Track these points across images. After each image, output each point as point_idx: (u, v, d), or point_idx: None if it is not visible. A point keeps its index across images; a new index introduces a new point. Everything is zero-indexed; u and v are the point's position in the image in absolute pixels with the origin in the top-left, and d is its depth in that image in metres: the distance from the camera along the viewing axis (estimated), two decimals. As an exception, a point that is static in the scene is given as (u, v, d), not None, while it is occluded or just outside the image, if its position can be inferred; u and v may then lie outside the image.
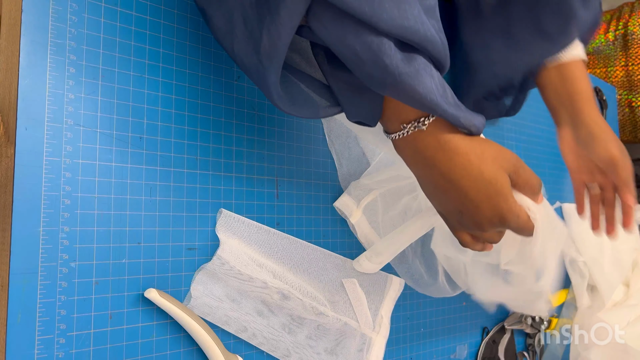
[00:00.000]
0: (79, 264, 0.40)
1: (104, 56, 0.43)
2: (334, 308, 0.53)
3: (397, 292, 0.59)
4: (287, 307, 0.50)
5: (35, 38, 0.39)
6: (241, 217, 0.50)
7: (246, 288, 0.48)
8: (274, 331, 0.51)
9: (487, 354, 0.74)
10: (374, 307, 0.57)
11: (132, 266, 0.43)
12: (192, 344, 0.46)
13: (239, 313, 0.48)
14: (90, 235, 0.41)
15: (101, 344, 0.41)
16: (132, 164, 0.44)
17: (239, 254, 0.48)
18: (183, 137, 0.47)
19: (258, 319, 0.50)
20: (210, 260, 0.47)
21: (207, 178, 0.49)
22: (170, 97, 0.46)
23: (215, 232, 0.48)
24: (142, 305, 0.44)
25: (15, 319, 0.37)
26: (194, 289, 0.46)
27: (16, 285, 0.37)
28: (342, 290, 0.55)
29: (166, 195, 0.46)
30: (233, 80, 0.51)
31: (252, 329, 0.49)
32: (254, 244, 0.50)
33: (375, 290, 0.58)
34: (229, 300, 0.48)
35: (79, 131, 0.41)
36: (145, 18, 0.45)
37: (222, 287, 0.48)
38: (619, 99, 1.33)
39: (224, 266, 0.46)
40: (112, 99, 0.43)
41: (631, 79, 1.31)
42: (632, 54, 1.30)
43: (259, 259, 0.50)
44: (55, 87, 0.40)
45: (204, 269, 0.47)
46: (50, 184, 0.39)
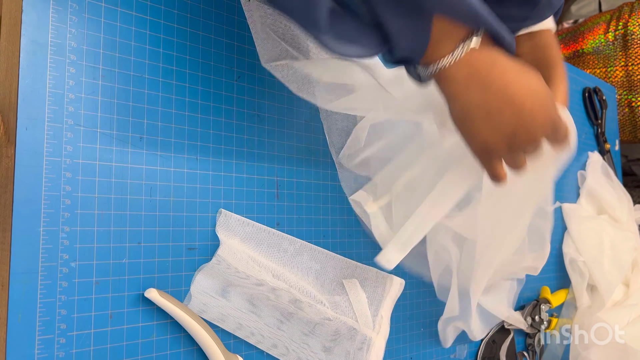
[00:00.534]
0: (79, 264, 0.40)
1: (104, 56, 0.43)
2: (335, 308, 0.53)
3: (397, 292, 0.59)
4: (285, 307, 0.50)
5: (35, 38, 0.39)
6: (241, 218, 0.50)
7: (244, 287, 0.48)
8: (270, 329, 0.51)
9: (487, 353, 0.74)
10: (374, 307, 0.57)
11: (132, 266, 0.43)
12: (192, 343, 0.46)
13: (235, 311, 0.48)
14: (90, 235, 0.41)
15: (101, 344, 0.41)
16: (133, 164, 0.44)
17: (239, 253, 0.48)
18: (183, 137, 0.47)
19: (253, 317, 0.50)
20: (210, 261, 0.47)
21: (207, 178, 0.49)
22: (171, 97, 0.46)
23: (215, 232, 0.48)
24: (142, 305, 0.44)
25: (15, 318, 0.37)
26: (194, 289, 0.46)
27: (16, 285, 0.37)
28: (342, 290, 0.55)
29: (166, 195, 0.46)
30: (233, 80, 0.51)
31: (248, 327, 0.49)
32: (253, 244, 0.50)
33: (376, 290, 0.58)
34: (225, 298, 0.48)
35: (79, 131, 0.41)
36: (145, 18, 0.45)
37: (220, 285, 0.48)
38: (618, 99, 1.33)
39: (221, 264, 0.46)
40: (113, 99, 0.43)
41: (631, 79, 1.31)
42: (632, 54, 1.30)
43: (259, 258, 0.50)
44: (55, 87, 0.40)
45: (204, 269, 0.47)
46: (51, 184, 0.39)
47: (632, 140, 1.41)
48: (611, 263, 0.90)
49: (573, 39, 1.44)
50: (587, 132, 1.09)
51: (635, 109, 1.34)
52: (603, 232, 0.94)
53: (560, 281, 0.92)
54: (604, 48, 1.36)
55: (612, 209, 1.00)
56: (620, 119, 1.36)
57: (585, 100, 1.09)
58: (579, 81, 1.08)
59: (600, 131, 1.10)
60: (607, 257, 0.91)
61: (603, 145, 1.10)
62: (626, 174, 1.61)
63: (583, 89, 1.09)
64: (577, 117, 1.06)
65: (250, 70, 0.52)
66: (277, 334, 0.51)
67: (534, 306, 0.81)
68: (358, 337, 0.54)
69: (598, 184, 1.01)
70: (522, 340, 0.82)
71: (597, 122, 1.10)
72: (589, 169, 1.02)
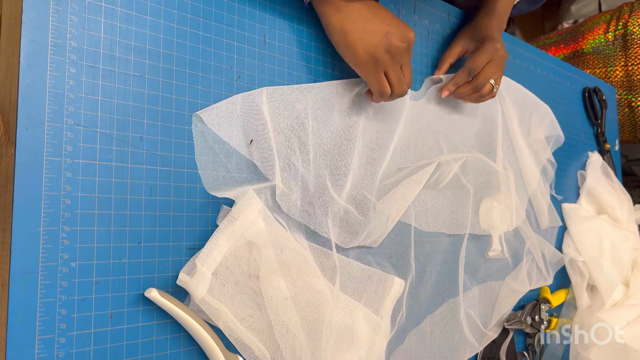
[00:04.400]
0: (80, 264, 0.40)
1: (104, 56, 0.43)
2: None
3: (397, 293, 0.59)
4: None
5: (35, 38, 0.39)
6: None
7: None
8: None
9: (487, 353, 0.74)
10: (374, 307, 0.57)
11: (132, 266, 0.43)
12: (192, 343, 0.46)
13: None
14: (90, 235, 0.41)
15: (101, 344, 0.41)
16: (133, 163, 0.44)
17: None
18: (183, 137, 0.47)
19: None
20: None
21: (207, 178, 0.48)
22: (171, 97, 0.46)
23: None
24: (142, 304, 0.44)
25: (15, 318, 0.37)
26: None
27: (17, 285, 0.37)
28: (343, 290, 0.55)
29: (166, 195, 0.46)
30: (233, 80, 0.51)
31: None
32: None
33: (376, 290, 0.58)
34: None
35: (79, 131, 0.41)
36: (145, 18, 0.45)
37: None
38: (618, 99, 1.33)
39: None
40: (113, 99, 0.43)
41: (631, 79, 1.31)
42: (632, 54, 1.30)
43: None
44: (55, 87, 0.40)
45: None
46: (51, 183, 0.39)
47: (632, 140, 1.41)
48: (611, 263, 0.90)
49: (573, 39, 1.44)
50: (587, 132, 1.09)
51: (635, 109, 1.33)
52: (603, 232, 0.94)
53: (560, 281, 0.92)
54: (604, 48, 1.35)
55: (612, 209, 1.00)
56: (620, 119, 1.36)
57: (585, 100, 1.09)
58: (579, 81, 1.08)
59: (600, 131, 1.10)
60: (607, 257, 0.91)
61: (603, 145, 1.10)
62: (626, 174, 1.61)
63: (583, 89, 1.09)
64: (577, 117, 1.06)
65: (250, 70, 0.52)
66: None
67: (533, 306, 0.81)
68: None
69: (598, 184, 1.01)
70: (522, 340, 0.82)
71: (597, 122, 1.10)
72: (589, 169, 1.02)
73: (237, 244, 0.47)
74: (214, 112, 0.48)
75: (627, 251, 0.94)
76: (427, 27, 0.73)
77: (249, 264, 0.48)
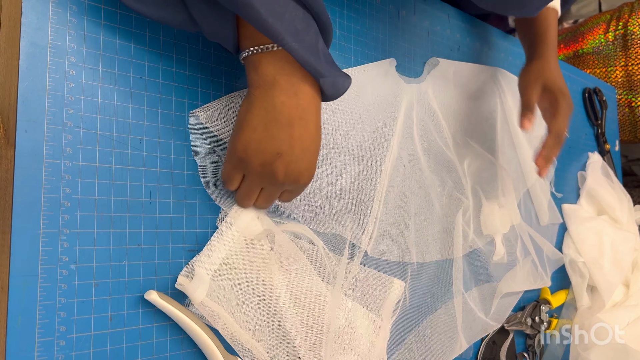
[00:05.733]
0: (79, 266, 0.40)
1: (103, 58, 0.43)
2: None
3: (397, 295, 0.59)
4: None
5: (35, 40, 0.39)
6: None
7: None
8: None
9: (487, 354, 0.74)
10: (374, 309, 0.57)
11: (132, 268, 0.43)
12: (192, 345, 0.46)
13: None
14: (90, 237, 0.41)
15: (101, 346, 0.41)
16: (132, 165, 0.44)
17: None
18: (183, 139, 0.47)
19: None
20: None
21: (207, 180, 0.48)
22: (170, 98, 0.46)
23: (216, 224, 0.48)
24: (142, 307, 0.43)
25: (15, 321, 0.37)
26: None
27: (16, 287, 0.37)
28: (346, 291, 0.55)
29: (166, 197, 0.46)
30: (233, 82, 0.51)
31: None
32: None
33: (376, 292, 0.58)
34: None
35: (79, 133, 0.41)
36: (144, 20, 0.45)
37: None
38: (618, 99, 1.33)
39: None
40: (112, 100, 0.43)
41: (631, 79, 1.31)
42: (632, 54, 1.30)
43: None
44: (55, 89, 0.40)
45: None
46: (50, 186, 0.39)
47: (632, 140, 1.41)
48: (611, 264, 0.90)
49: (573, 39, 1.44)
50: (587, 133, 1.09)
51: (635, 109, 1.34)
52: (603, 232, 0.94)
53: (560, 282, 0.92)
54: (604, 48, 1.35)
55: (612, 210, 1.00)
56: (620, 119, 1.36)
57: (585, 100, 1.09)
58: (579, 81, 1.08)
59: (600, 131, 1.10)
60: (607, 258, 0.91)
61: (603, 145, 1.10)
62: (626, 174, 1.61)
63: (583, 90, 1.09)
64: (577, 117, 1.06)
65: (250, 72, 0.52)
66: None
67: (534, 307, 0.81)
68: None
69: (598, 185, 1.01)
70: (522, 341, 0.82)
71: (597, 123, 1.10)
72: (589, 170, 1.02)
73: (235, 246, 0.47)
74: (211, 110, 0.48)
75: (628, 252, 0.94)
76: (427, 27, 0.73)
77: (248, 266, 0.48)
